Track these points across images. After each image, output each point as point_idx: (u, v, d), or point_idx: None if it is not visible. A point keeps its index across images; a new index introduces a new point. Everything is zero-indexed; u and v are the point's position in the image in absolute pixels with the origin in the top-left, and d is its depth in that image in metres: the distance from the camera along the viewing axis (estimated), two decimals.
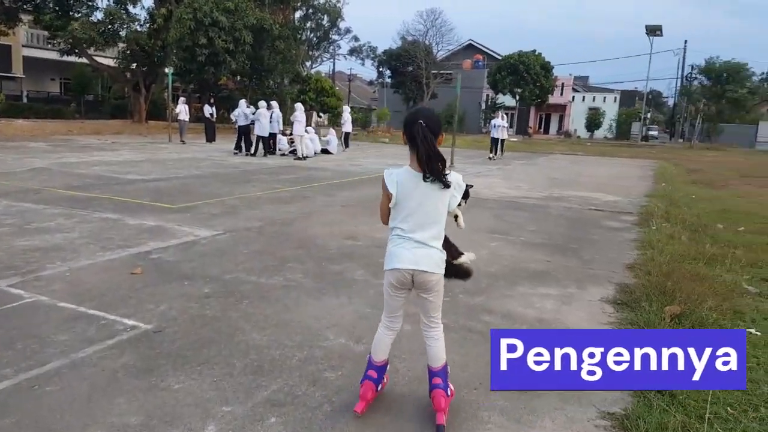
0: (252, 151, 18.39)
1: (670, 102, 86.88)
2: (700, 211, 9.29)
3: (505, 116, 22.88)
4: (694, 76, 46.32)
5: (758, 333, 3.90)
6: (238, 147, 18.40)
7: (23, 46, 36.97)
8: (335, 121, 43.67)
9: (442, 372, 2.69)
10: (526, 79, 47.20)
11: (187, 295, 4.37)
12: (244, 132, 18.60)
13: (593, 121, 57.33)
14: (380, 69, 55.72)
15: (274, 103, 19.41)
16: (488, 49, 60.42)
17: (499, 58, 52.71)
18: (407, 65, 51.25)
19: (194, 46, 27.80)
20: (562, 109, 58.86)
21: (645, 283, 4.71)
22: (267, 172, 13.61)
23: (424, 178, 2.51)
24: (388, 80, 54.23)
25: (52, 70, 40.43)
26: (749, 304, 4.52)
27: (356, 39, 54.52)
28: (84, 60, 32.43)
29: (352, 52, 57.01)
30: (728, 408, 2.82)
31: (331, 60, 58.74)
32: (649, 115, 50.07)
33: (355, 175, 13.54)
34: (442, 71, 52.91)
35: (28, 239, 5.96)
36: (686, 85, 46.66)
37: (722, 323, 3.91)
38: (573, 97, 60.24)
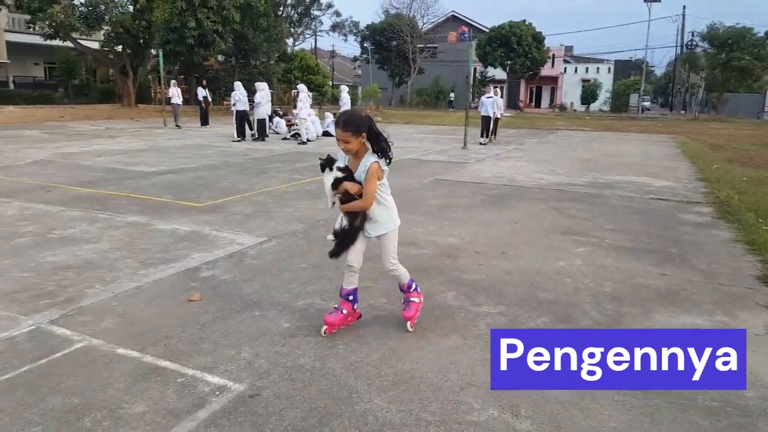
0: (257, 136, 17.61)
1: (657, 71, 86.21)
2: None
3: (498, 90, 21.33)
4: (695, 43, 45.20)
5: None
6: (241, 134, 17.48)
7: (5, 30, 35.05)
8: (320, 101, 42.52)
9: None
10: (517, 51, 46.14)
11: (267, 333, 3.64)
12: (244, 116, 17.70)
13: (590, 93, 55.92)
14: (364, 44, 54.48)
15: (265, 84, 18.51)
16: (471, 20, 59.41)
17: (486, 30, 51.51)
18: (391, 40, 50.02)
19: (182, 28, 26.75)
20: (553, 81, 57.91)
21: None
22: (279, 161, 12.78)
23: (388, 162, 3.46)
24: (373, 56, 52.85)
25: (36, 55, 38.60)
26: None
27: (338, 14, 53.37)
28: (68, 43, 30.95)
29: (335, 27, 55.76)
30: None
31: (313, 37, 57.38)
32: (644, 86, 49.25)
33: None
34: (427, 45, 51.67)
35: (54, 253, 5.20)
36: (691, 53, 45.53)
37: None
38: (565, 68, 59.23)
